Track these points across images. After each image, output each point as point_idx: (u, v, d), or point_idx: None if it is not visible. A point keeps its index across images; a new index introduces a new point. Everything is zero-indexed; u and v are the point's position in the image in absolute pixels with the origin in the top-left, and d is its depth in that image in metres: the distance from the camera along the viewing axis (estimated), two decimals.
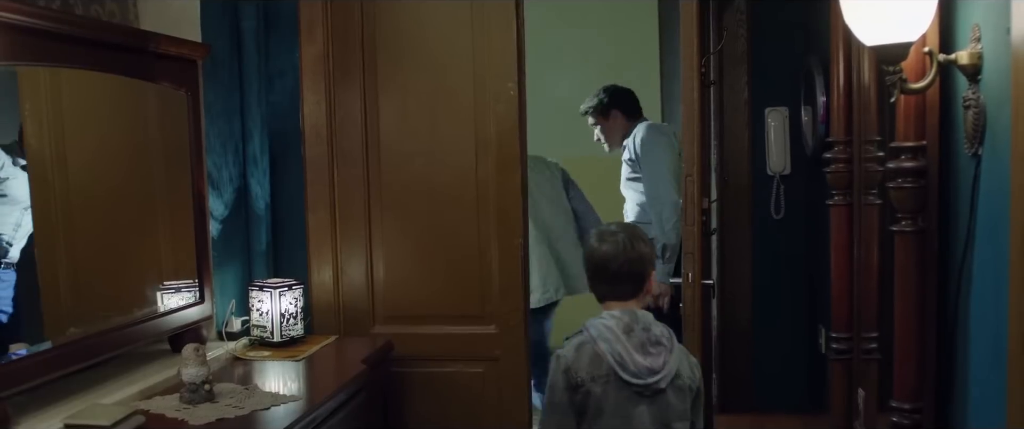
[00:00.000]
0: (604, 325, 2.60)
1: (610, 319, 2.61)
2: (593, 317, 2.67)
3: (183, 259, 3.50)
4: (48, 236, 2.91)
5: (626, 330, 2.58)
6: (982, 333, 1.93)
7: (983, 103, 1.91)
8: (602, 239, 2.71)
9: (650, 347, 2.58)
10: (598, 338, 2.58)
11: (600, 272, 2.70)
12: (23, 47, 2.38)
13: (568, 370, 2.57)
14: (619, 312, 2.63)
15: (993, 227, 1.86)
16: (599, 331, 2.59)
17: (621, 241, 2.67)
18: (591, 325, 2.64)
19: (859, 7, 2.00)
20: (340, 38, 3.97)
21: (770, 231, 4.00)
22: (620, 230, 2.73)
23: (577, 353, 2.59)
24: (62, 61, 2.78)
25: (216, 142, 3.71)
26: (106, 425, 2.52)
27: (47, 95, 2.83)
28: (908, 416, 2.16)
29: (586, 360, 2.57)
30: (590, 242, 2.75)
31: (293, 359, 3.55)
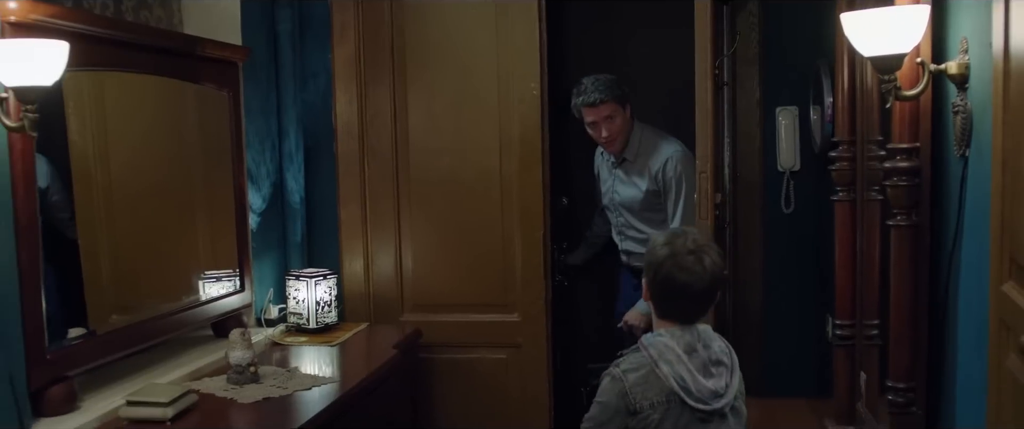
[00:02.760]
0: (665, 345, 2.38)
1: (670, 338, 2.40)
2: (651, 335, 2.47)
3: (224, 250, 3.71)
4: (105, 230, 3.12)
5: (688, 350, 2.38)
6: (969, 318, 2.11)
7: (970, 109, 2.09)
8: (683, 268, 2.39)
9: (712, 367, 2.39)
10: (659, 360, 2.36)
11: (675, 298, 2.44)
12: (91, 54, 2.58)
13: (626, 395, 2.35)
14: (679, 330, 2.41)
15: (978, 222, 2.04)
16: (660, 351, 2.37)
17: (708, 262, 2.40)
18: (650, 344, 2.41)
19: (858, 21, 2.18)
20: (371, 40, 4.17)
21: (780, 224, 4.10)
22: (698, 245, 2.43)
23: (636, 376, 2.37)
24: (121, 66, 3.00)
25: (254, 139, 3.91)
26: (164, 402, 2.73)
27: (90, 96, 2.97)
28: (903, 394, 2.35)
29: (646, 384, 2.35)
30: (667, 262, 2.41)
31: (328, 344, 3.76)
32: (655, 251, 2.44)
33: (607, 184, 4.26)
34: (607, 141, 4.06)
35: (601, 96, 3.98)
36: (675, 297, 2.41)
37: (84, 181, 2.95)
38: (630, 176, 4.13)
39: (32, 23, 2.48)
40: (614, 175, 4.19)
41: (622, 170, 4.15)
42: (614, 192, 4.20)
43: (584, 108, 4.02)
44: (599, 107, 3.99)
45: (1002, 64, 1.81)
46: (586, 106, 4.01)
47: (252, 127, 3.87)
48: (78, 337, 2.82)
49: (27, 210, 2.53)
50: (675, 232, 2.50)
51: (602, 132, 4.02)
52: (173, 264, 3.52)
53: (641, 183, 4.07)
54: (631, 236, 4.20)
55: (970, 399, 2.08)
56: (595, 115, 4.01)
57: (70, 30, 2.60)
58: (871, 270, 2.87)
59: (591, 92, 3.99)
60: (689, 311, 2.44)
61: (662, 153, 4.01)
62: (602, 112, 4.00)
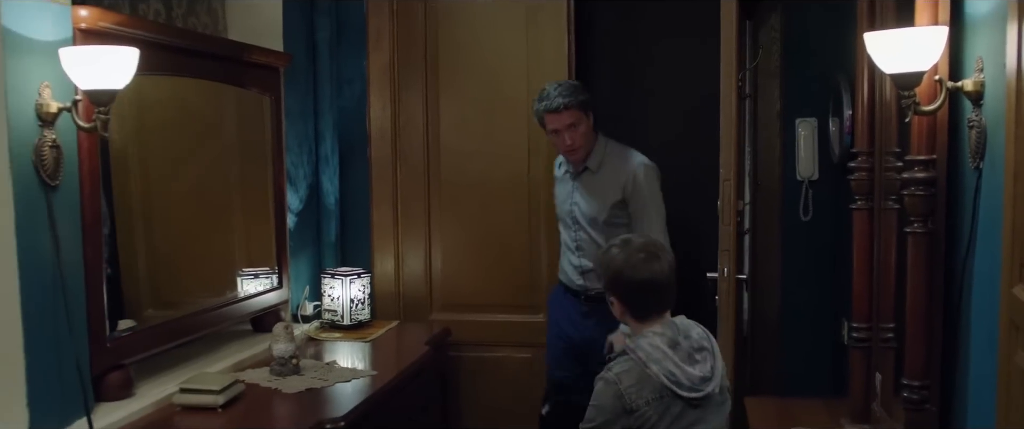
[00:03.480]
0: (651, 345, 2.55)
1: (654, 337, 2.57)
2: (634, 339, 2.63)
3: (264, 249, 3.88)
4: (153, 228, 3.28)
5: (671, 345, 2.55)
6: (981, 319, 2.25)
7: (984, 124, 2.23)
8: (650, 258, 2.62)
9: (696, 355, 2.57)
10: (648, 361, 2.52)
11: (649, 291, 2.63)
12: (150, 59, 2.72)
13: (621, 396, 2.51)
14: (660, 327, 2.60)
15: (991, 230, 2.18)
16: (647, 353, 2.54)
17: (664, 259, 2.63)
18: (637, 347, 2.57)
19: (880, 40, 2.32)
20: (405, 47, 4.33)
21: (798, 232, 4.18)
22: (647, 245, 2.68)
23: (629, 377, 2.53)
24: (176, 71, 3.16)
25: (293, 142, 4.07)
26: (216, 390, 2.88)
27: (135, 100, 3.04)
28: (917, 392, 2.49)
29: (640, 385, 2.52)
30: (630, 264, 2.62)
31: (362, 340, 3.92)
32: (611, 260, 2.65)
33: (564, 196, 3.98)
34: (570, 150, 3.80)
35: (564, 102, 3.73)
36: (644, 294, 2.61)
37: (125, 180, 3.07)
38: (593, 187, 3.88)
39: (100, 30, 2.65)
40: (574, 187, 3.91)
41: (582, 181, 3.89)
42: (573, 204, 3.91)
43: (546, 115, 3.76)
44: (562, 114, 3.73)
45: (1015, 82, 1.95)
46: (549, 112, 3.75)
47: (291, 130, 4.03)
48: (128, 329, 2.98)
49: (93, 207, 2.70)
50: (622, 240, 2.70)
51: (565, 140, 3.76)
52: (216, 262, 3.68)
53: (606, 194, 3.83)
54: (590, 252, 3.86)
55: (982, 396, 2.21)
56: (558, 122, 3.74)
57: (133, 37, 2.76)
58: (887, 275, 3.00)
59: (554, 98, 3.74)
60: (663, 304, 2.64)
61: (631, 162, 3.84)
62: (565, 119, 3.73)
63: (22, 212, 2.40)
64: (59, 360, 2.54)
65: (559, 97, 3.73)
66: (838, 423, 3.26)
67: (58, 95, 2.50)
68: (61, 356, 2.54)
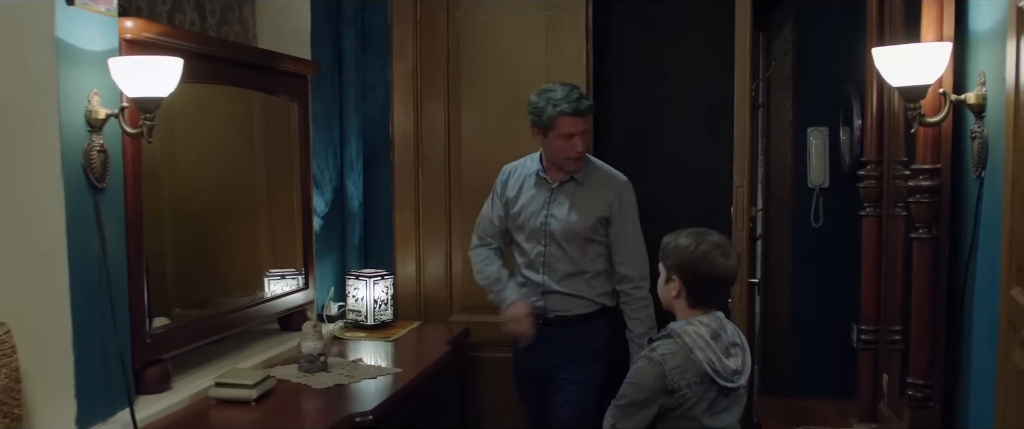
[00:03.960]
0: (696, 332, 2.60)
1: (700, 326, 2.62)
2: (681, 323, 2.67)
3: (291, 251, 4.00)
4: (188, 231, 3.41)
5: (714, 336, 2.61)
6: (982, 320, 2.36)
7: (986, 135, 2.35)
8: (725, 255, 2.66)
9: (731, 349, 2.64)
10: (694, 347, 2.58)
11: (721, 283, 2.70)
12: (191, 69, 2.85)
13: (664, 376, 2.57)
14: (706, 318, 2.65)
15: (991, 236, 2.29)
16: (693, 339, 2.59)
17: (735, 258, 2.70)
18: (683, 332, 2.62)
19: (888, 55, 2.45)
20: (427, 56, 4.46)
21: (809, 238, 4.30)
22: (724, 241, 2.71)
23: (674, 359, 2.58)
24: (213, 79, 3.29)
25: (319, 148, 4.21)
26: (249, 384, 3.01)
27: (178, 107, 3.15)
28: (921, 389, 2.61)
29: (684, 367, 2.57)
30: (709, 255, 2.65)
31: (385, 339, 4.04)
32: (685, 246, 2.67)
33: (533, 209, 3.62)
34: (576, 158, 3.52)
35: (590, 104, 3.52)
36: (714, 285, 2.67)
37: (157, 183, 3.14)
38: (578, 200, 3.58)
39: (144, 40, 2.79)
40: (550, 198, 3.60)
41: (564, 193, 3.59)
42: (549, 216, 3.58)
43: (568, 118, 3.44)
44: (586, 118, 3.50)
45: (1013, 97, 2.07)
46: (574, 115, 3.44)
47: (317, 136, 4.17)
48: (163, 326, 3.10)
49: (135, 207, 2.83)
50: (698, 231, 2.71)
51: (577, 146, 3.48)
52: (245, 263, 3.81)
53: (593, 209, 3.57)
54: (557, 270, 3.58)
55: (982, 394, 2.33)
56: (578, 126, 3.46)
57: (175, 46, 2.90)
58: (894, 280, 3.12)
59: (582, 99, 3.48)
60: (722, 298, 2.75)
61: (616, 179, 3.64)
62: (584, 124, 3.50)
63: (72, 213, 2.54)
64: (104, 354, 2.67)
65: (585, 99, 3.50)
66: (846, 422, 3.37)
67: (105, 102, 2.64)
68: (106, 350, 2.68)
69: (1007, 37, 2.11)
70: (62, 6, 2.49)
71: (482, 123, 4.45)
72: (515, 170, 3.74)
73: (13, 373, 2.31)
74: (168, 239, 3.27)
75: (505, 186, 3.73)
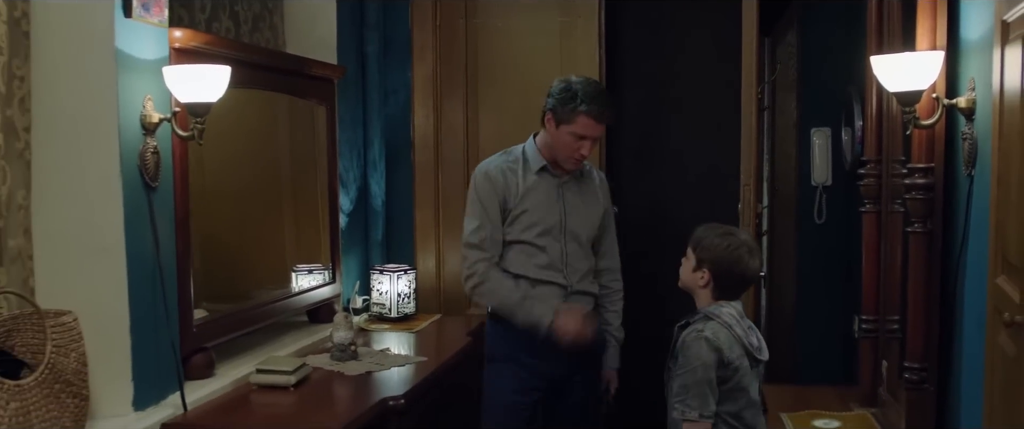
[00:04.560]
0: (729, 313, 2.80)
1: (731, 308, 2.83)
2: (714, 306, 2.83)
3: (319, 246, 4.20)
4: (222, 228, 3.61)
5: (740, 317, 2.84)
6: (972, 308, 2.56)
7: (976, 137, 2.54)
8: (752, 254, 2.85)
9: (750, 329, 2.87)
10: (732, 325, 2.77)
11: (746, 282, 2.91)
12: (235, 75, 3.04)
13: (720, 350, 2.72)
14: (735, 304, 2.87)
15: (981, 229, 2.49)
16: (728, 320, 2.78)
17: (759, 257, 2.90)
18: (719, 313, 2.80)
19: (885, 63, 2.64)
20: (446, 60, 4.66)
21: (812, 234, 4.50)
22: (752, 241, 2.92)
23: (724, 336, 2.75)
24: (251, 84, 3.48)
25: (345, 148, 4.41)
26: (288, 370, 3.21)
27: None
28: (917, 373, 2.81)
29: (731, 343, 2.75)
30: (740, 256, 2.82)
31: (408, 331, 4.24)
32: (725, 247, 2.81)
33: (547, 206, 3.44)
34: (579, 161, 3.40)
35: (614, 113, 3.42)
36: (739, 283, 2.86)
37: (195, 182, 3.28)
38: (584, 195, 3.52)
39: (191, 49, 2.99)
40: (558, 195, 3.46)
41: (571, 188, 3.49)
42: (564, 213, 3.45)
43: (592, 120, 3.30)
44: (604, 127, 3.40)
45: (999, 102, 2.27)
46: (595, 119, 3.30)
47: (342, 137, 4.37)
48: (202, 318, 3.30)
49: (183, 205, 3.03)
50: (731, 231, 2.90)
51: (584, 151, 3.35)
52: (277, 258, 4.02)
53: (595, 202, 3.54)
54: (577, 269, 3.47)
55: (973, 374, 2.53)
56: (594, 132, 3.33)
57: (218, 54, 3.10)
58: (894, 273, 3.32)
59: (607, 106, 3.34)
60: (744, 291, 2.95)
61: (596, 169, 3.66)
62: (597, 132, 3.37)
63: (129, 211, 2.74)
64: (157, 341, 2.88)
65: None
66: (848, 407, 3.56)
67: (158, 107, 2.84)
68: (158, 338, 2.88)
69: (994, 47, 2.31)
70: (121, 18, 2.70)
71: (499, 124, 4.64)
72: (504, 169, 3.44)
73: (81, 357, 2.50)
74: (206, 236, 3.43)
75: (504, 188, 3.41)
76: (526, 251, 3.40)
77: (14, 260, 2.65)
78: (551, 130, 3.37)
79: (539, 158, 3.44)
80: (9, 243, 2.63)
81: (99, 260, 2.73)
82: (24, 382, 2.34)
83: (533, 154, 3.46)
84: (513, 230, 3.41)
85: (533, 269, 3.40)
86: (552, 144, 3.40)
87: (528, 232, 3.40)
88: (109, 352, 2.72)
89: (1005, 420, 2.17)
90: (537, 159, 3.45)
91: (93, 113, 2.70)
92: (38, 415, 2.36)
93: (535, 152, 3.46)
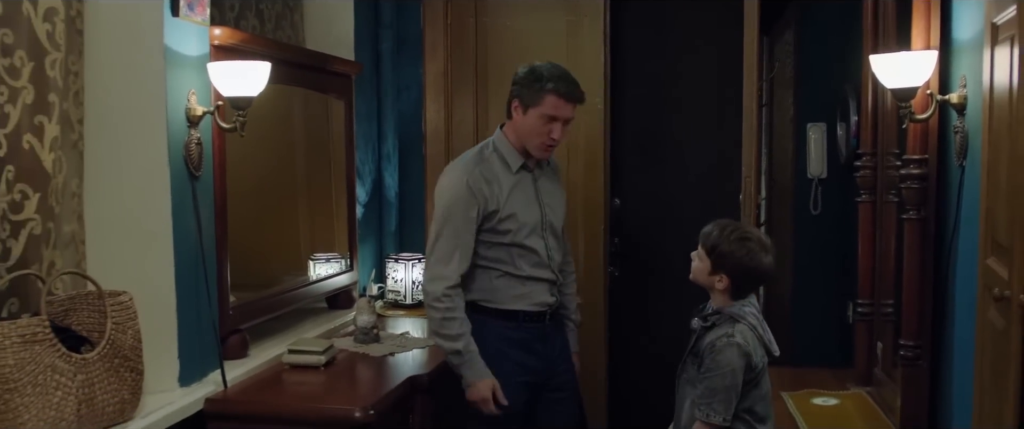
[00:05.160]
0: (753, 315, 2.80)
1: (752, 308, 2.83)
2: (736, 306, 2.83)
3: (338, 236, 4.38)
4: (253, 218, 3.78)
5: (759, 314, 2.86)
6: (964, 289, 2.76)
7: (967, 130, 2.75)
8: (767, 252, 2.82)
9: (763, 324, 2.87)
10: (755, 326, 2.78)
11: (763, 280, 2.92)
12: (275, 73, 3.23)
13: (749, 355, 2.73)
14: (752, 301, 2.88)
15: (971, 216, 2.69)
16: (753, 321, 2.79)
17: (773, 253, 2.85)
18: (746, 314, 2.79)
19: (883, 61, 2.85)
20: (457, 58, 4.84)
21: (808, 224, 4.67)
22: (766, 239, 2.88)
23: (751, 338, 2.76)
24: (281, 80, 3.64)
25: (360, 141, 4.59)
26: (319, 351, 3.40)
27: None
28: (912, 350, 3.01)
29: (756, 345, 2.77)
30: (757, 257, 2.80)
31: (423, 317, 4.41)
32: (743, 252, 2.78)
33: (526, 202, 3.39)
34: (552, 146, 3.35)
35: (581, 93, 3.35)
36: (756, 282, 2.87)
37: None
38: (553, 185, 3.54)
39: (230, 46, 3.17)
40: (536, 190, 3.43)
41: (543, 179, 3.49)
42: (544, 212, 3.43)
43: (561, 99, 3.27)
44: (574, 106, 3.33)
45: (988, 98, 2.47)
46: (566, 98, 3.28)
47: (359, 131, 4.54)
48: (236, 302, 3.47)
49: (222, 194, 3.22)
50: (740, 230, 2.87)
51: (556, 133, 3.30)
52: (300, 247, 4.20)
53: (561, 189, 3.59)
54: (557, 261, 3.48)
55: (964, 351, 2.73)
56: (566, 112, 3.29)
57: (254, 51, 3.28)
58: (887, 259, 3.53)
59: (574, 84, 3.31)
60: (760, 288, 2.98)
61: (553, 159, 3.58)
62: (567, 112, 3.31)
63: (176, 198, 2.93)
64: (199, 322, 3.06)
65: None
66: (845, 386, 3.77)
67: (200, 101, 3.03)
68: (201, 319, 3.07)
69: (984, 47, 2.52)
70: (169, 17, 2.88)
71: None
72: (486, 177, 3.32)
73: (136, 334, 2.68)
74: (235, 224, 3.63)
75: (486, 201, 3.29)
76: (518, 252, 3.36)
77: (68, 244, 2.83)
78: (519, 117, 3.32)
79: (515, 154, 3.37)
80: (64, 228, 2.81)
81: (148, 245, 2.91)
82: (89, 356, 2.52)
83: (508, 150, 3.38)
84: (502, 234, 3.33)
85: (526, 268, 3.36)
86: (521, 132, 3.33)
87: (518, 234, 3.34)
88: (157, 331, 2.90)
89: (995, 390, 2.37)
90: (514, 156, 3.37)
91: (143, 106, 2.88)
92: (101, 387, 2.54)
93: (509, 147, 3.38)
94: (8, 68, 2.54)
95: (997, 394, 2.33)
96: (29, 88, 2.62)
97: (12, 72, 2.56)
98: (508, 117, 3.40)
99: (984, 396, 2.49)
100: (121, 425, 2.63)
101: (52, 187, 2.71)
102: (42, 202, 2.67)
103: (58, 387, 2.42)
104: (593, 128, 4.76)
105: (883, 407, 3.39)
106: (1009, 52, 2.24)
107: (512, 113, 3.35)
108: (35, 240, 2.66)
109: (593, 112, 4.73)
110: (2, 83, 2.53)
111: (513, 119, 3.36)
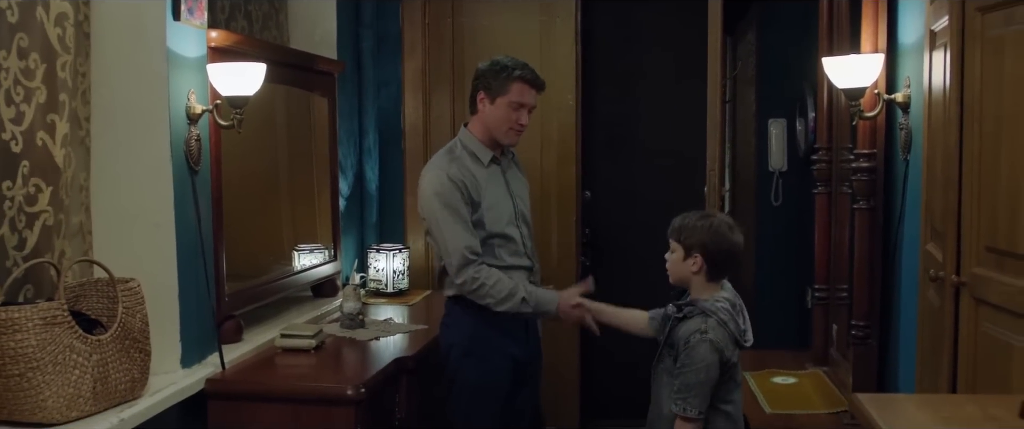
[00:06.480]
0: (723, 308, 2.78)
1: (723, 301, 2.80)
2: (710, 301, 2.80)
3: (322, 228, 4.56)
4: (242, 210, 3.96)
5: (733, 305, 2.82)
6: (908, 272, 3.01)
7: (910, 127, 3.00)
8: (733, 230, 2.83)
9: (740, 312, 2.85)
10: (728, 320, 2.77)
11: (735, 256, 2.86)
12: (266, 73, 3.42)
13: (722, 351, 2.73)
14: (722, 292, 2.84)
15: (914, 205, 2.95)
16: (724, 316, 2.77)
17: (740, 232, 2.86)
18: (717, 309, 2.77)
19: (834, 63, 3.09)
20: (434, 56, 5.05)
21: (769, 214, 4.93)
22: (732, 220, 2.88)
23: (722, 334, 2.75)
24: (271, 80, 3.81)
25: (343, 137, 4.77)
26: (309, 335, 3.59)
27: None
28: (862, 329, 3.26)
29: (727, 340, 2.76)
30: (724, 233, 2.81)
31: (405, 304, 4.63)
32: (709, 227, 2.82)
33: (499, 195, 3.44)
34: (520, 131, 3.41)
35: (543, 81, 3.44)
36: (729, 259, 2.84)
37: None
38: (519, 176, 3.61)
39: (226, 48, 3.36)
40: (506, 181, 3.50)
41: (511, 174, 3.55)
42: (514, 197, 3.50)
43: (526, 86, 3.36)
44: (537, 93, 3.42)
45: (927, 97, 2.72)
46: (530, 84, 3.37)
47: (341, 127, 4.73)
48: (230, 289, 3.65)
49: (218, 187, 3.40)
50: (707, 213, 2.98)
51: (524, 119, 3.38)
52: (287, 238, 4.38)
53: (525, 179, 3.65)
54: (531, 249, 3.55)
55: (908, 327, 2.99)
56: (530, 99, 3.38)
57: (248, 53, 3.46)
58: (842, 247, 3.78)
59: (537, 73, 3.41)
60: (734, 269, 2.94)
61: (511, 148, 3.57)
62: (532, 98, 3.39)
63: (177, 191, 3.11)
64: (199, 307, 3.25)
65: (539, 76, 3.42)
66: (803, 366, 4.02)
67: (199, 99, 3.21)
68: (200, 304, 3.26)
69: (924, 51, 2.76)
70: (170, 21, 3.06)
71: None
72: (461, 171, 3.36)
73: (144, 318, 2.87)
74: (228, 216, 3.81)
75: (468, 191, 3.34)
76: (498, 243, 3.40)
77: (75, 234, 3.02)
78: (486, 108, 3.38)
79: (484, 148, 3.42)
80: (73, 219, 2.99)
81: (152, 234, 3.09)
82: (103, 338, 2.71)
83: (477, 145, 3.42)
84: (481, 226, 3.37)
85: (507, 258, 3.40)
86: (490, 122, 3.39)
87: (497, 224, 3.39)
88: (160, 316, 3.08)
89: (933, 362, 2.63)
90: (483, 150, 3.41)
91: (146, 105, 3.06)
92: (114, 366, 2.73)
93: (477, 143, 3.42)
94: (24, 70, 2.72)
95: (935, 366, 2.59)
96: (42, 88, 2.80)
97: (27, 73, 2.74)
98: (472, 112, 3.47)
99: (924, 368, 2.75)
100: (131, 402, 2.82)
101: (63, 181, 2.89)
102: (54, 195, 2.85)
103: (76, 366, 2.60)
104: (566, 123, 4.98)
105: (838, 384, 3.64)
106: (944, 57, 2.49)
107: (478, 106, 3.42)
108: (48, 231, 2.84)
109: (565, 108, 4.96)
110: (18, 84, 2.71)
111: (479, 112, 3.42)
